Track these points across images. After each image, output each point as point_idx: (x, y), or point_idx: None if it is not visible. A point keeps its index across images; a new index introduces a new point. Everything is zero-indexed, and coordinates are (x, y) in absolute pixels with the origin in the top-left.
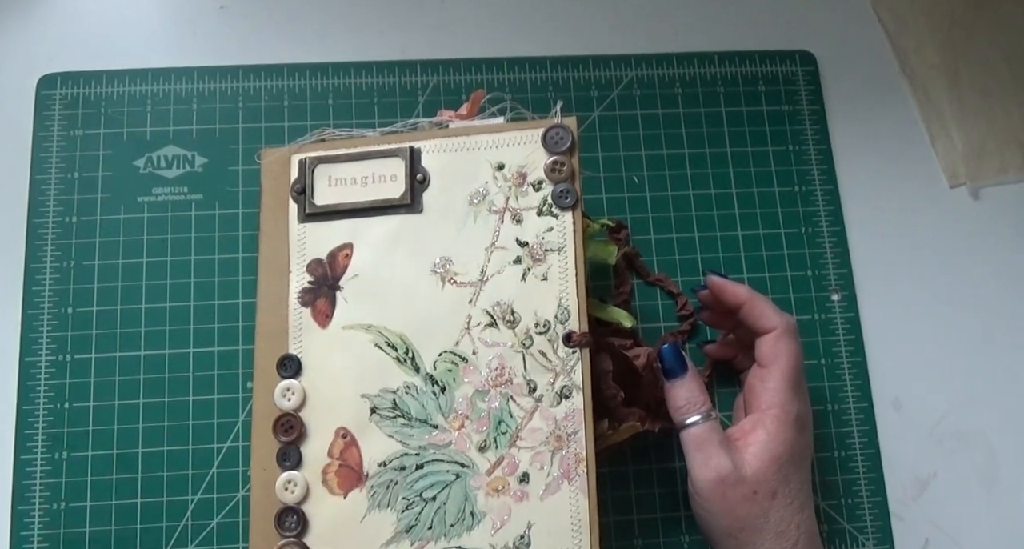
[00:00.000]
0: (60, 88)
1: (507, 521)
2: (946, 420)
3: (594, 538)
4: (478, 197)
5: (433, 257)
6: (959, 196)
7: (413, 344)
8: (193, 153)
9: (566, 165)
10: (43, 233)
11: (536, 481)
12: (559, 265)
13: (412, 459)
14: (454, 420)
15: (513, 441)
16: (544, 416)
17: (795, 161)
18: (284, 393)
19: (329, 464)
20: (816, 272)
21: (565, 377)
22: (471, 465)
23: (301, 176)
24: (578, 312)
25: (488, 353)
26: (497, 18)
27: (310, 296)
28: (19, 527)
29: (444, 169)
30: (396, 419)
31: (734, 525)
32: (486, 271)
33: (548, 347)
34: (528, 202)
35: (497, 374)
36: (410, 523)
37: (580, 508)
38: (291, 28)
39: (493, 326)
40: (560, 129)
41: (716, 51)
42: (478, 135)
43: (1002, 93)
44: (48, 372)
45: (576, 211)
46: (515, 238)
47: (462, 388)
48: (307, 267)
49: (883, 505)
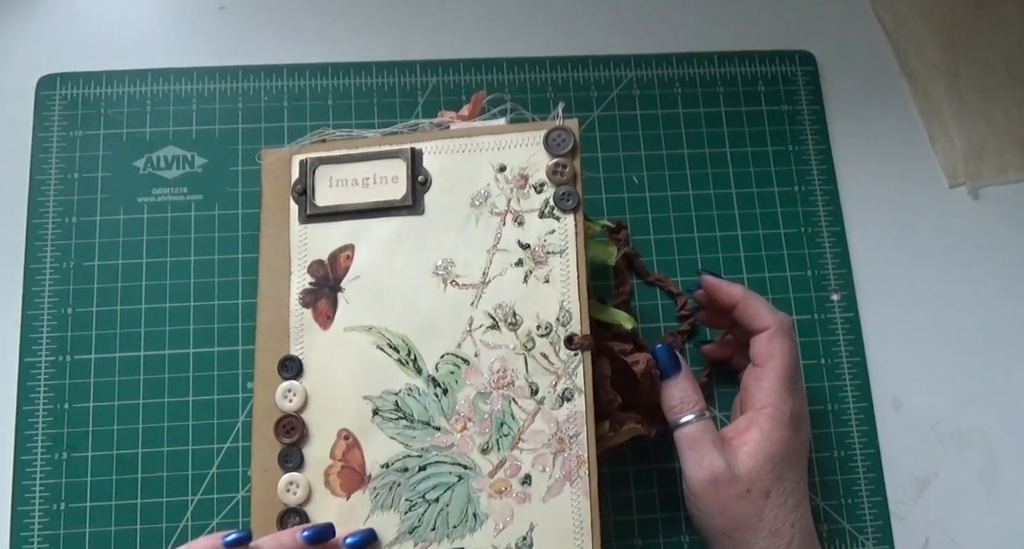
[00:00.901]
0: (60, 88)
1: (509, 522)
2: (946, 420)
3: (596, 540)
4: (480, 199)
5: (435, 259)
6: (959, 196)
7: (415, 346)
8: (193, 153)
9: (568, 167)
10: (43, 233)
11: (538, 483)
12: (561, 267)
13: (415, 461)
14: (456, 422)
15: (515, 443)
16: (546, 418)
17: (795, 161)
18: (285, 394)
19: (331, 465)
20: (816, 272)
21: (567, 379)
22: (473, 467)
23: (302, 177)
24: (580, 314)
25: (490, 355)
26: (497, 18)
27: (311, 297)
28: (19, 527)
29: (446, 170)
30: (398, 421)
31: (728, 524)
32: (488, 273)
33: (550, 349)
34: (530, 204)
35: (499, 376)
36: (413, 524)
37: (582, 510)
38: (291, 28)
39: (495, 328)
40: (562, 131)
41: (716, 51)
42: (480, 136)
43: (1002, 93)
44: (48, 372)
45: (578, 213)
46: (517, 240)
47: (464, 390)
48: (308, 268)
49: (883, 505)
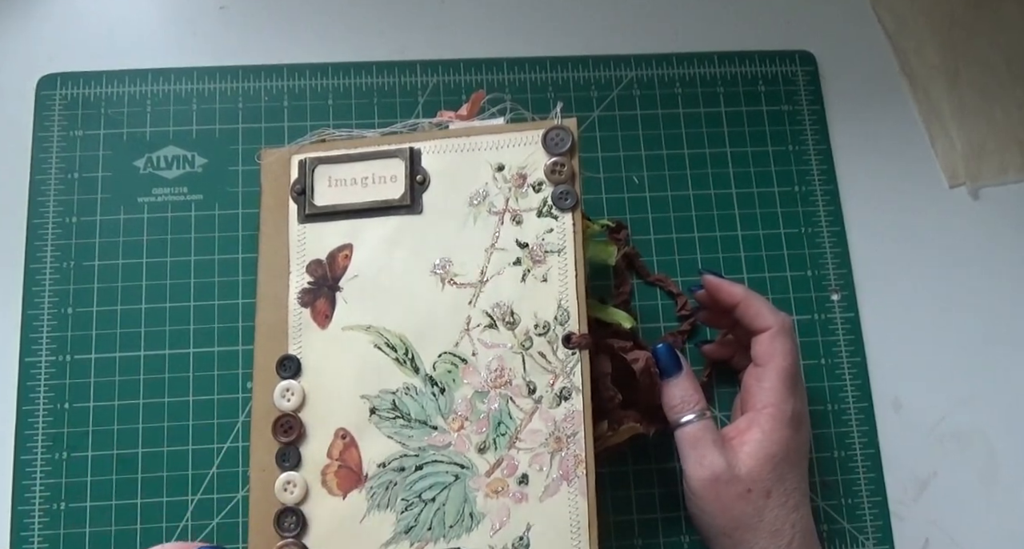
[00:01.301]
0: (60, 88)
1: (506, 522)
2: (946, 420)
3: (593, 540)
4: (478, 198)
5: (433, 258)
6: (959, 196)
7: (413, 345)
8: (193, 153)
9: (566, 166)
10: (43, 233)
11: (535, 482)
12: (559, 266)
13: (411, 460)
14: (453, 421)
15: (512, 442)
16: (543, 418)
17: (795, 161)
18: (283, 394)
19: (328, 465)
20: (816, 272)
21: (564, 379)
22: (470, 466)
23: (301, 176)
24: (578, 314)
25: (488, 354)
26: (497, 18)
27: (310, 296)
28: (19, 527)
29: (444, 170)
30: (395, 420)
31: (728, 524)
32: (486, 272)
33: (548, 348)
34: (528, 203)
35: (497, 375)
36: (409, 524)
37: (579, 510)
38: (291, 28)
39: (493, 327)
40: (560, 130)
41: (716, 51)
42: (478, 136)
43: (1002, 93)
44: (48, 372)
45: (576, 212)
46: (515, 239)
47: (461, 389)
48: (307, 267)
49: (883, 505)
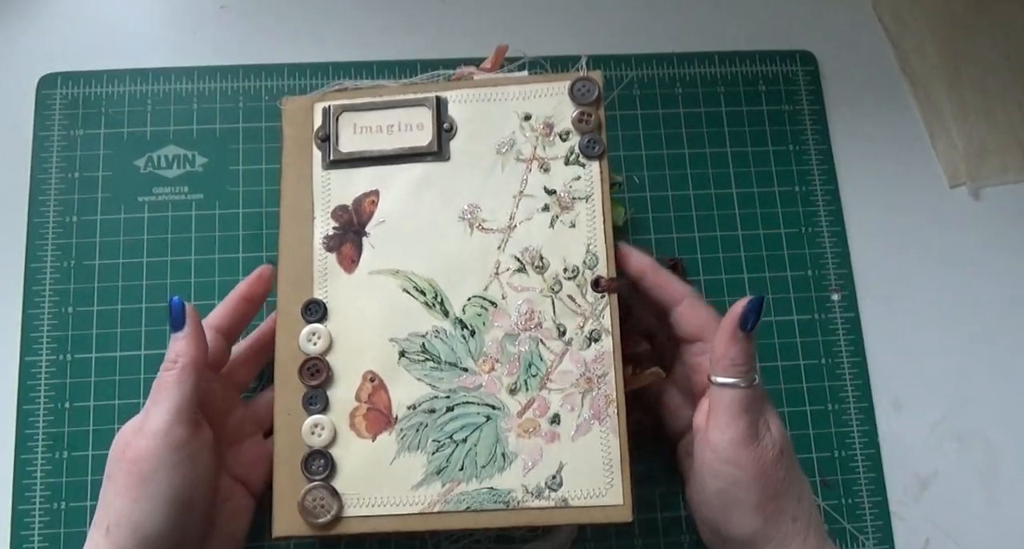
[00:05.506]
0: (60, 88)
1: (539, 461)
2: (946, 420)
3: (626, 477)
4: (506, 146)
5: (461, 204)
6: (959, 196)
7: (442, 289)
8: (193, 153)
9: (593, 116)
10: (43, 233)
11: (567, 422)
12: (587, 213)
13: (442, 402)
14: (484, 363)
15: (543, 383)
16: (574, 359)
17: (795, 161)
18: (309, 338)
19: (357, 408)
20: (816, 272)
21: (594, 321)
22: (502, 407)
23: (325, 123)
24: (606, 258)
25: (517, 298)
26: (497, 18)
27: (335, 242)
28: (19, 527)
29: (471, 119)
30: (425, 362)
31: (762, 494)
32: (514, 218)
33: (577, 292)
34: (555, 152)
35: (527, 318)
36: (440, 465)
37: (611, 448)
38: (291, 28)
39: (522, 271)
40: (586, 81)
41: (716, 51)
42: (505, 86)
43: (1002, 93)
44: (48, 372)
45: (603, 161)
46: (543, 186)
47: (492, 332)
48: (332, 213)
49: (883, 505)
